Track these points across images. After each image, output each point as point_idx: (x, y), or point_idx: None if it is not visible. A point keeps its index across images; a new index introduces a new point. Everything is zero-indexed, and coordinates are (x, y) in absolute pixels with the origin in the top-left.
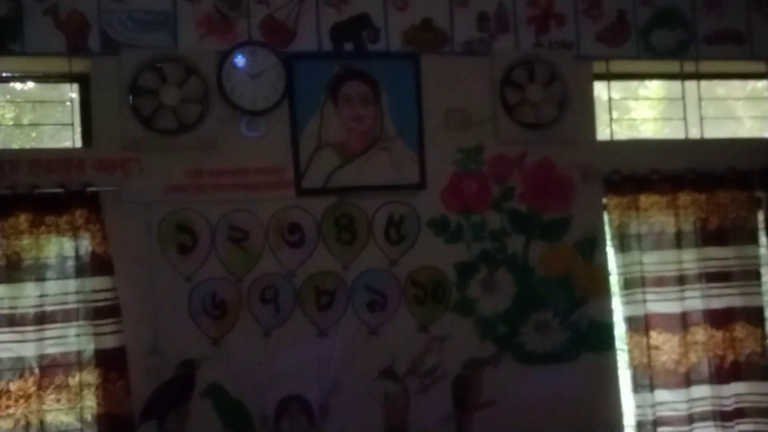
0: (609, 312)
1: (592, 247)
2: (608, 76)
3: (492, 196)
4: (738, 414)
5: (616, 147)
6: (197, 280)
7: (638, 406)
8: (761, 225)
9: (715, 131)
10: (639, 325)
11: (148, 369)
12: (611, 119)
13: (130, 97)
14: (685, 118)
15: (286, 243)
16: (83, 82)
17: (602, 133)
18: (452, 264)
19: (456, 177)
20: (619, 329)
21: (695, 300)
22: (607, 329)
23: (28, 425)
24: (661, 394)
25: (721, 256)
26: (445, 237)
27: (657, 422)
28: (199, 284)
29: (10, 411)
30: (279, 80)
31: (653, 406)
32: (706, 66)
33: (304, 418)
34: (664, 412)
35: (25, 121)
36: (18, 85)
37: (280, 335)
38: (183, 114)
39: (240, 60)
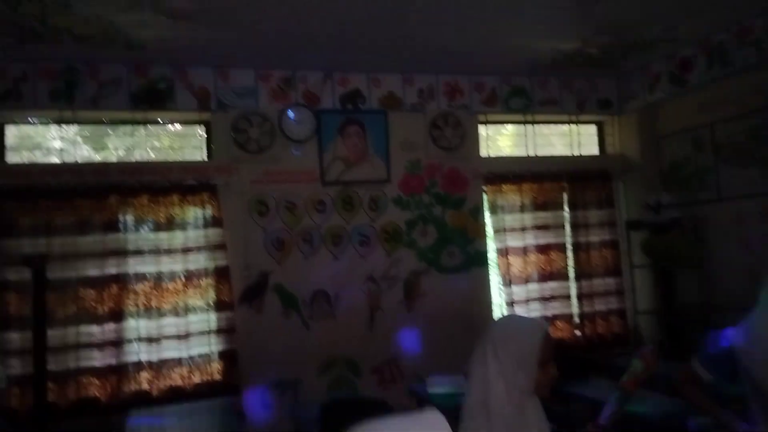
0: (485, 246)
1: (477, 212)
2: (486, 123)
3: (425, 186)
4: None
5: (489, 160)
6: (269, 230)
7: (505, 294)
8: (565, 200)
9: (542, 152)
10: (503, 252)
11: (242, 277)
12: (487, 145)
13: (232, 133)
14: (526, 145)
15: (316, 210)
16: (208, 125)
17: (483, 153)
18: (404, 221)
19: (406, 176)
20: (492, 255)
21: (530, 239)
22: (484, 255)
23: (179, 306)
24: (515, 288)
25: (544, 216)
26: (401, 207)
27: (513, 303)
28: (269, 232)
29: (169, 299)
30: (312, 124)
31: (510, 294)
32: (538, 117)
33: (325, 303)
34: (516, 297)
35: (176, 147)
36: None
37: (313, 259)
38: (261, 143)
39: (291, 114)
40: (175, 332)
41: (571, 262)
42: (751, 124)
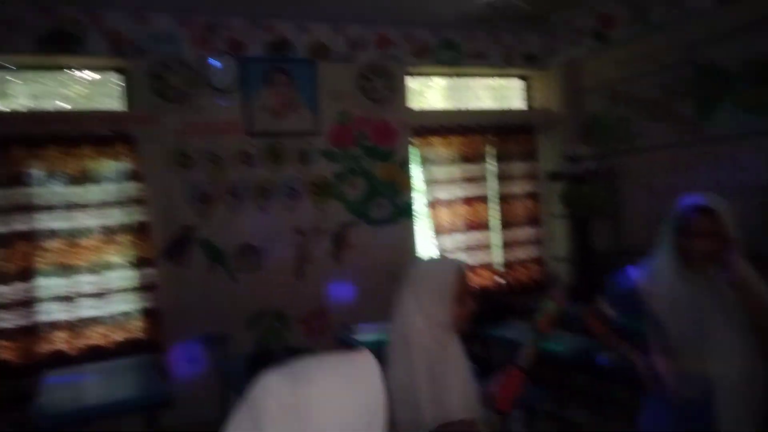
0: (412, 198)
1: (405, 164)
2: (415, 75)
3: (354, 138)
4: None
5: (418, 113)
6: (192, 183)
7: (435, 244)
8: (491, 153)
9: (470, 105)
10: (432, 204)
11: (164, 232)
12: (417, 98)
13: (150, 81)
14: (454, 99)
15: (242, 162)
16: (124, 73)
17: (412, 105)
18: (333, 173)
19: (335, 128)
20: (420, 207)
21: (458, 191)
22: (412, 207)
23: (97, 264)
24: (444, 239)
25: (471, 169)
26: (330, 159)
27: (456, 254)
28: (193, 186)
29: (84, 256)
30: (236, 73)
31: (439, 244)
32: (466, 71)
33: (253, 256)
34: (445, 247)
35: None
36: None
37: (240, 212)
38: (183, 92)
39: (214, 61)
40: (92, 290)
41: (495, 213)
42: (664, 80)
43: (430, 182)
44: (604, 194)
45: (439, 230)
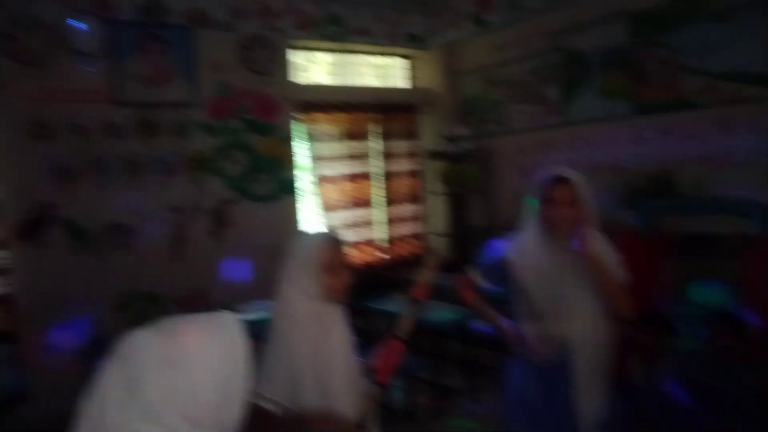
0: (296, 175)
1: (288, 140)
2: (299, 48)
3: (235, 111)
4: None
5: (303, 87)
6: (51, 156)
7: (322, 221)
8: (375, 131)
9: (353, 82)
10: (319, 181)
11: (18, 211)
12: (301, 72)
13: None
14: (339, 75)
15: (110, 135)
16: None
17: (296, 80)
18: (212, 147)
19: (215, 100)
20: (305, 184)
21: (343, 168)
22: (295, 183)
23: None
24: (330, 216)
25: (356, 146)
26: (209, 133)
27: (332, 228)
28: (52, 159)
29: None
30: (103, 37)
31: (326, 221)
32: (351, 47)
33: (123, 236)
34: (331, 224)
35: None
36: None
37: (107, 189)
38: (39, 54)
39: (76, 23)
40: None
41: (379, 190)
42: (534, 65)
43: (315, 159)
44: (479, 173)
45: (325, 207)
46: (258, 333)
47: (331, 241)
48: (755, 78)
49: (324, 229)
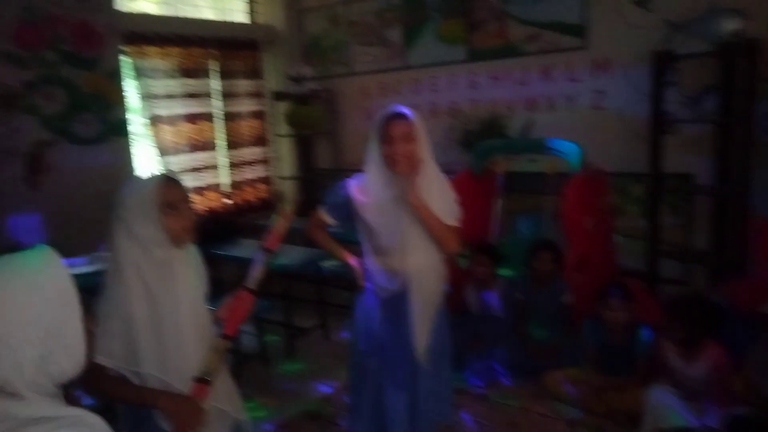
0: (126, 114)
1: (116, 75)
2: None
3: (49, 41)
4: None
5: (129, 16)
6: None
7: (159, 166)
8: (214, 68)
9: (188, 13)
10: (153, 121)
11: None
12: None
13: None
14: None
15: None
16: None
17: (121, 7)
18: (21, 82)
19: (21, 26)
20: (138, 124)
21: (180, 108)
22: (126, 124)
23: None
24: (167, 159)
25: (193, 84)
26: (16, 64)
27: (171, 172)
28: None
29: None
30: None
31: (164, 165)
32: None
33: None
34: (170, 168)
35: None
36: None
37: None
38: None
39: None
40: None
41: (221, 132)
42: (378, 7)
43: (148, 97)
44: (325, 114)
45: (161, 150)
46: (90, 286)
47: (167, 180)
48: (572, 28)
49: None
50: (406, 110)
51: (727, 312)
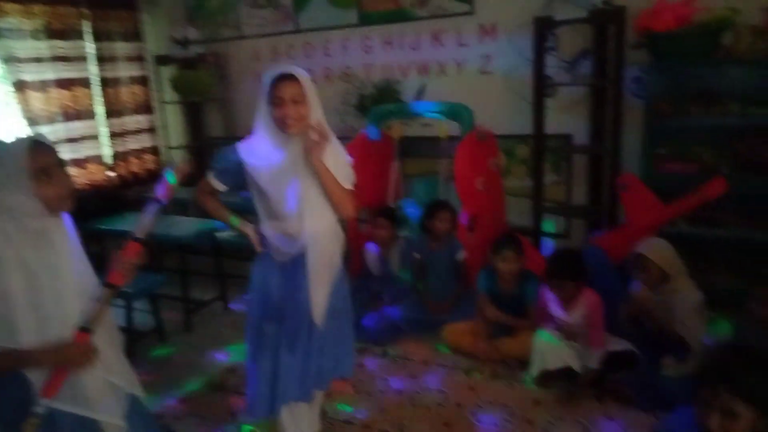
0: None
1: None
2: None
3: None
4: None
5: None
6: None
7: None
8: (85, 28)
9: None
10: (19, 87)
11: None
12: None
13: None
14: None
15: None
16: None
17: None
18: None
19: None
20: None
21: (50, 72)
22: None
23: None
24: (36, 128)
25: (63, 47)
26: None
27: (39, 135)
28: None
29: None
30: None
31: (37, 133)
32: None
33: None
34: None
35: None
36: None
37: None
38: None
39: None
40: None
41: (99, 99)
42: None
43: (11, 60)
44: (213, 80)
45: (31, 120)
46: None
47: (36, 144)
48: None
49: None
50: (295, 70)
51: (601, 260)
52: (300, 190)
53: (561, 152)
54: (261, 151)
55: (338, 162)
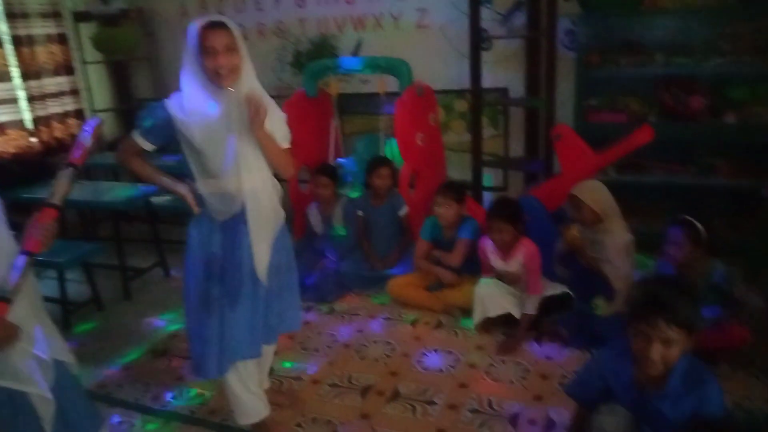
0: None
1: None
2: None
3: None
4: None
5: None
6: None
7: None
8: None
9: None
10: None
11: None
12: None
13: None
14: None
15: None
16: None
17: None
18: None
19: None
20: None
21: None
22: None
23: None
24: None
25: None
26: None
27: None
28: None
29: None
30: None
31: None
32: None
33: None
34: None
35: None
36: None
37: None
38: None
39: None
40: None
41: (13, 60)
42: None
43: None
44: (138, 37)
45: None
46: None
47: None
48: None
49: None
50: (224, 19)
51: (537, 210)
52: (237, 147)
53: (498, 106)
54: (193, 106)
55: (274, 121)
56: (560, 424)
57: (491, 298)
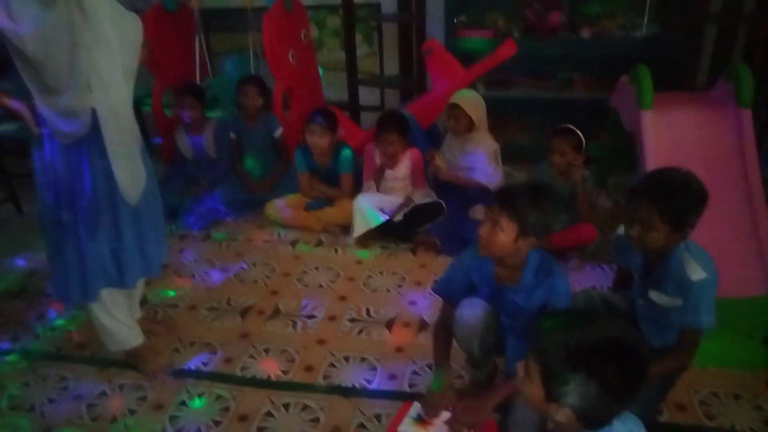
0: None
1: None
2: None
3: None
4: None
5: None
6: None
7: None
8: None
9: None
10: None
11: None
12: None
13: None
14: None
15: None
16: None
17: None
18: None
19: None
20: None
21: None
22: None
23: None
24: None
25: None
26: None
27: None
28: None
29: None
30: None
31: None
32: None
33: None
34: None
35: None
36: None
37: None
38: None
39: None
40: None
41: None
42: None
43: None
44: None
45: None
46: None
47: None
48: None
49: None
50: None
51: (412, 126)
52: (84, 60)
53: (371, 22)
54: (23, 12)
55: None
56: (432, 325)
57: (369, 209)
